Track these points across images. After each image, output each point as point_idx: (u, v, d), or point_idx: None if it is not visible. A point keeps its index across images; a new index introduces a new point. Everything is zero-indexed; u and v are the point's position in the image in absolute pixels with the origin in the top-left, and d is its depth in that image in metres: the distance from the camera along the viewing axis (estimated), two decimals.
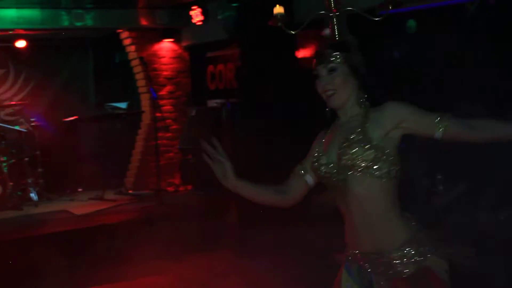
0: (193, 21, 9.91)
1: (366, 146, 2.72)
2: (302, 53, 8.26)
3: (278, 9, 3.43)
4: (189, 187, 10.16)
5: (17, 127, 10.14)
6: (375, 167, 2.69)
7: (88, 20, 9.88)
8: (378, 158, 2.69)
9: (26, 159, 9.70)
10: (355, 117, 2.81)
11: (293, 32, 3.49)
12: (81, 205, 9.23)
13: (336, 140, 2.81)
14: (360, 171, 2.71)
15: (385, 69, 7.40)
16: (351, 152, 2.73)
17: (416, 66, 7.29)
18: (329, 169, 2.79)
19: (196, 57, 10.94)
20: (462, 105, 6.47)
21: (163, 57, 10.88)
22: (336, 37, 3.15)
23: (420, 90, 7.26)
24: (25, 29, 9.86)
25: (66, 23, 9.78)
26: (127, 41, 10.68)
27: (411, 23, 7.21)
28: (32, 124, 9.98)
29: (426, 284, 2.73)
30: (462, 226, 5.72)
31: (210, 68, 10.62)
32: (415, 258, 2.75)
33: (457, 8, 6.71)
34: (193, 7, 9.79)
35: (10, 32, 10.09)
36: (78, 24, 9.79)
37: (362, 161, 2.71)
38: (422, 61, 7.23)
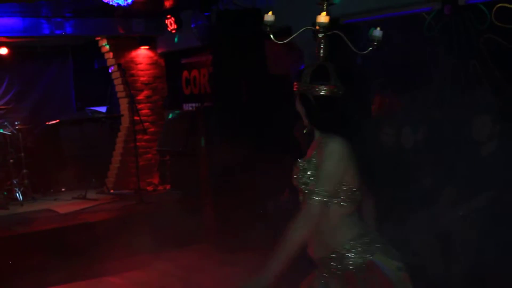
0: (168, 29, 9.92)
1: (309, 173, 2.97)
2: (271, 59, 8.31)
3: (269, 17, 3.37)
4: (167, 186, 10.15)
5: (1, 130, 10.15)
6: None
7: (68, 28, 9.78)
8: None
9: (11, 160, 9.61)
10: (317, 140, 3.02)
11: (279, 42, 3.42)
12: (64, 204, 9.19)
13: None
14: (309, 191, 2.91)
15: (350, 74, 7.69)
16: (303, 174, 2.99)
17: (378, 71, 7.57)
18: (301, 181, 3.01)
19: (171, 63, 10.96)
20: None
21: (140, 63, 10.91)
22: (320, 57, 3.21)
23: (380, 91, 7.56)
24: (7, 37, 9.78)
25: (46, 31, 9.65)
26: (105, 49, 10.73)
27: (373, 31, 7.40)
28: (16, 127, 9.88)
29: (371, 277, 2.95)
30: None
31: (185, 73, 10.64)
32: (363, 253, 2.96)
33: (415, 17, 6.92)
34: (168, 16, 9.81)
35: None
36: (58, 32, 9.74)
37: (310, 184, 2.93)
38: (384, 66, 7.52)
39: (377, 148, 6.46)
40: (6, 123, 10.28)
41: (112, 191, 10.18)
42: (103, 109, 10.93)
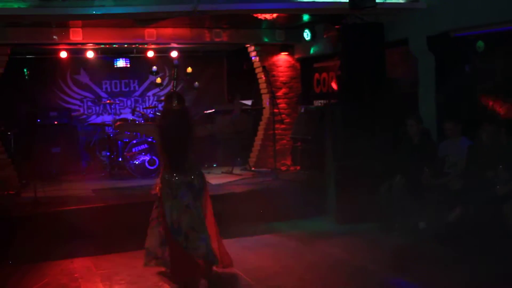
0: (304, 38, 10.06)
1: None
2: (389, 65, 8.26)
3: None
4: (298, 167, 10.13)
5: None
6: None
7: (224, 37, 10.04)
8: None
9: None
10: None
11: None
12: (216, 177, 9.35)
13: None
14: None
15: (460, 80, 7.50)
16: None
17: (482, 79, 7.36)
18: None
19: (305, 67, 11.00)
20: None
21: (280, 66, 10.99)
22: None
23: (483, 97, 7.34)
24: (177, 44, 10.27)
25: (207, 39, 9.95)
26: (252, 54, 10.88)
27: (480, 43, 7.20)
28: None
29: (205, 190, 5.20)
30: None
31: (316, 75, 10.66)
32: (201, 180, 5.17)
33: None
34: (304, 28, 9.94)
35: (167, 46, 10.60)
36: (217, 40, 10.01)
37: None
38: (487, 75, 7.29)
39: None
40: None
41: (253, 168, 10.31)
42: (248, 102, 11.09)
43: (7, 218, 6.79)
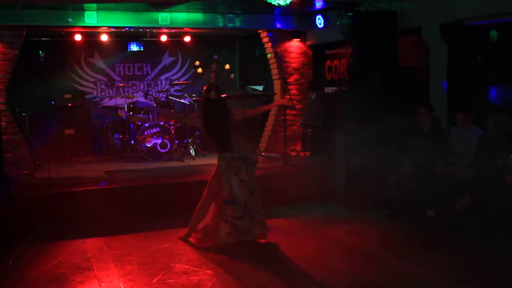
0: (317, 25, 9.99)
1: None
2: (401, 53, 8.18)
3: None
4: (308, 153, 10.12)
5: (182, 101, 10.63)
6: None
7: (237, 23, 10.01)
8: None
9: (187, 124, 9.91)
10: None
11: None
12: None
13: None
14: None
15: (472, 70, 7.40)
16: None
17: (494, 66, 7.25)
18: None
19: (317, 54, 10.92)
20: None
21: (292, 52, 10.91)
22: None
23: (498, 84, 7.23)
24: (191, 28, 10.16)
25: (221, 24, 9.94)
26: (265, 40, 10.82)
27: (493, 33, 7.12)
28: (194, 98, 10.27)
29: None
30: None
31: (328, 62, 10.59)
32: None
33: None
34: (317, 15, 9.87)
35: (180, 30, 10.49)
36: (230, 25, 9.99)
37: None
38: (501, 64, 7.17)
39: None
40: (186, 95, 10.88)
41: (263, 153, 10.29)
42: (260, 88, 11.06)
43: (21, 198, 6.77)
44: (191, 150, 10.11)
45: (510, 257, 5.41)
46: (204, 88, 6.00)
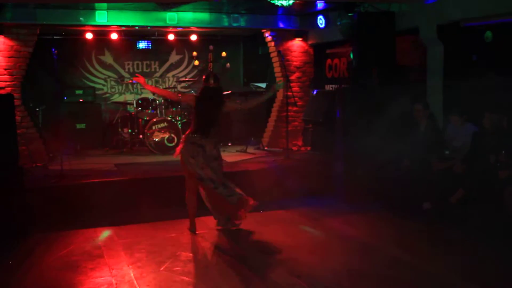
0: (318, 25, 9.96)
1: None
2: (399, 52, 8.22)
3: None
4: (308, 148, 10.14)
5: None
6: None
7: (242, 22, 10.03)
8: None
9: (185, 120, 10.04)
10: None
11: None
12: (230, 155, 9.36)
13: None
14: None
15: (467, 70, 7.45)
16: None
17: (489, 66, 7.27)
18: None
19: (318, 52, 10.97)
20: None
21: (294, 51, 10.97)
22: None
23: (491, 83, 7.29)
24: (197, 27, 10.17)
25: (226, 24, 9.96)
26: (268, 39, 10.84)
27: (488, 34, 7.16)
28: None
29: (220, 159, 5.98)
30: None
31: (328, 61, 10.66)
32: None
33: None
34: (318, 15, 9.85)
35: (187, 29, 10.51)
36: (235, 25, 10.02)
37: None
38: (495, 63, 7.21)
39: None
40: (192, 91, 10.96)
41: (266, 148, 10.34)
42: (263, 85, 11.13)
43: (35, 189, 6.92)
44: None
45: (502, 247, 5.51)
46: (203, 77, 6.24)
